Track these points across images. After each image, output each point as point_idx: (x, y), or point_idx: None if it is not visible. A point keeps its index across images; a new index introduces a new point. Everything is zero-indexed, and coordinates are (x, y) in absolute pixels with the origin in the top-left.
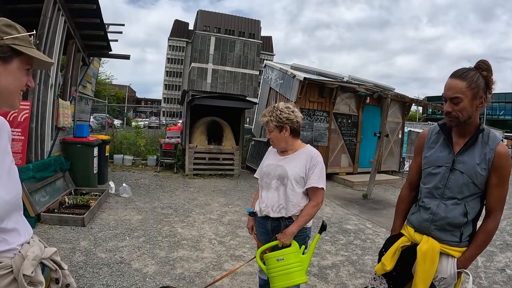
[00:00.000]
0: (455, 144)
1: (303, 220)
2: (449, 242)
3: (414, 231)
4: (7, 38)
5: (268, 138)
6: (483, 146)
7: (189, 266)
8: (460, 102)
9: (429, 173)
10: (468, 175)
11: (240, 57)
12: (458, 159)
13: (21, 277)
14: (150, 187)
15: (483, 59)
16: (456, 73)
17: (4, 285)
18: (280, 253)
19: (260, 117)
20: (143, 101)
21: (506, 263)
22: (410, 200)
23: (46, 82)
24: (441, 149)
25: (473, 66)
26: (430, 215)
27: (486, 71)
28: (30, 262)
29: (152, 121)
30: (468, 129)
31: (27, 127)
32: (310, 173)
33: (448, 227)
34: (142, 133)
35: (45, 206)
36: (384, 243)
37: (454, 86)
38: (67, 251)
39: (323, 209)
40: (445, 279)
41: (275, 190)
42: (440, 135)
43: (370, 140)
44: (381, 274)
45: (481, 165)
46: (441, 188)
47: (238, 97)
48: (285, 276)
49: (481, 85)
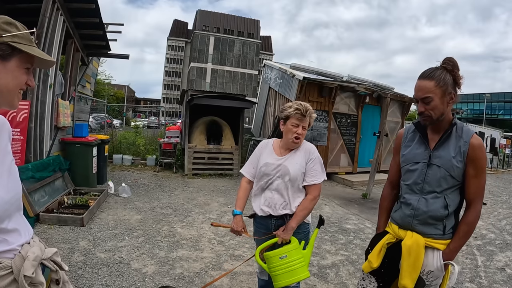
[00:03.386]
0: (431, 140)
1: (301, 214)
2: (433, 235)
3: (398, 228)
4: (6, 36)
5: (299, 134)
6: (457, 140)
7: (188, 266)
8: (431, 101)
9: (407, 170)
10: (445, 169)
11: (239, 57)
12: (434, 154)
13: (22, 278)
14: (149, 187)
15: (448, 57)
16: (424, 74)
17: (4, 285)
18: (282, 251)
19: (302, 106)
20: (142, 101)
21: (506, 263)
22: (392, 198)
23: (45, 81)
24: (417, 146)
25: (439, 65)
26: (411, 211)
27: (452, 68)
28: (30, 262)
29: (151, 121)
30: (442, 125)
31: (26, 127)
32: (309, 168)
33: (430, 221)
34: (141, 133)
35: (44, 206)
36: (370, 242)
37: (423, 87)
38: (66, 251)
39: (323, 209)
40: (433, 272)
41: (277, 189)
42: (416, 133)
43: (369, 139)
44: (368, 272)
45: (456, 158)
46: (420, 183)
47: (238, 97)
48: (289, 273)
49: (449, 82)
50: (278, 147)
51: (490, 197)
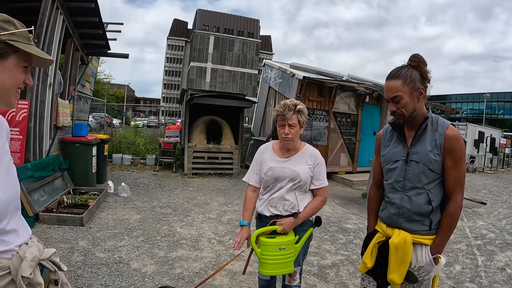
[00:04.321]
0: (408, 137)
1: (310, 212)
2: (419, 231)
3: (386, 227)
4: (3, 34)
5: (286, 134)
6: (433, 133)
7: (188, 265)
8: (401, 100)
9: (388, 169)
10: (423, 163)
11: (239, 56)
12: (411, 150)
13: (20, 279)
14: (149, 186)
15: (414, 54)
16: (390, 74)
17: (2, 286)
18: (282, 242)
19: (281, 106)
20: (142, 101)
21: (506, 262)
22: (379, 198)
23: (44, 81)
24: (395, 145)
25: (405, 63)
26: (396, 209)
27: (417, 64)
28: (28, 263)
29: (151, 120)
30: (417, 121)
31: (25, 127)
32: (316, 172)
33: (416, 217)
34: (141, 133)
35: (43, 206)
36: (363, 243)
37: (391, 87)
38: (66, 251)
39: (323, 208)
40: (423, 267)
41: (286, 192)
42: (393, 132)
43: (369, 139)
44: (365, 272)
45: (433, 151)
46: (401, 180)
47: (237, 96)
48: (283, 264)
49: (416, 78)
50: (278, 149)
51: (490, 196)
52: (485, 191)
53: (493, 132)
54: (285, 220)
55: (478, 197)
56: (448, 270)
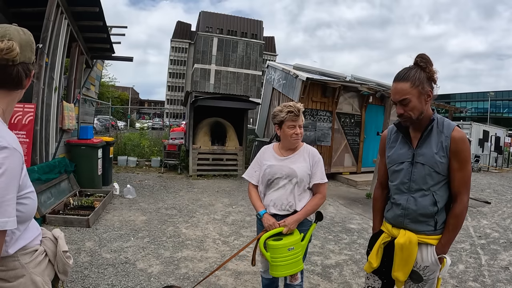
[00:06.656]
0: (413, 138)
1: (310, 209)
2: (425, 232)
3: (391, 227)
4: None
5: (297, 134)
6: (438, 135)
7: (193, 266)
8: (409, 103)
9: (393, 170)
10: (429, 166)
11: (243, 58)
12: (417, 152)
13: (61, 254)
14: (154, 188)
15: (420, 54)
16: (398, 76)
17: (43, 268)
18: (290, 243)
19: (293, 108)
20: (146, 103)
21: (509, 261)
22: (384, 198)
23: (50, 84)
24: (401, 147)
25: (412, 64)
26: (402, 210)
27: (425, 65)
28: (63, 240)
29: (156, 122)
30: (423, 123)
31: (31, 130)
32: (314, 170)
33: (421, 218)
34: (146, 135)
35: (50, 208)
36: (368, 243)
37: (399, 90)
38: (73, 252)
39: (327, 209)
40: (428, 267)
41: (284, 189)
42: (398, 133)
43: (373, 139)
44: (370, 272)
45: (439, 153)
46: (407, 182)
47: (241, 98)
48: (293, 264)
49: (424, 80)
50: (279, 149)
51: (495, 196)
52: (489, 190)
53: (498, 131)
54: (288, 220)
55: (482, 197)
56: (452, 269)
